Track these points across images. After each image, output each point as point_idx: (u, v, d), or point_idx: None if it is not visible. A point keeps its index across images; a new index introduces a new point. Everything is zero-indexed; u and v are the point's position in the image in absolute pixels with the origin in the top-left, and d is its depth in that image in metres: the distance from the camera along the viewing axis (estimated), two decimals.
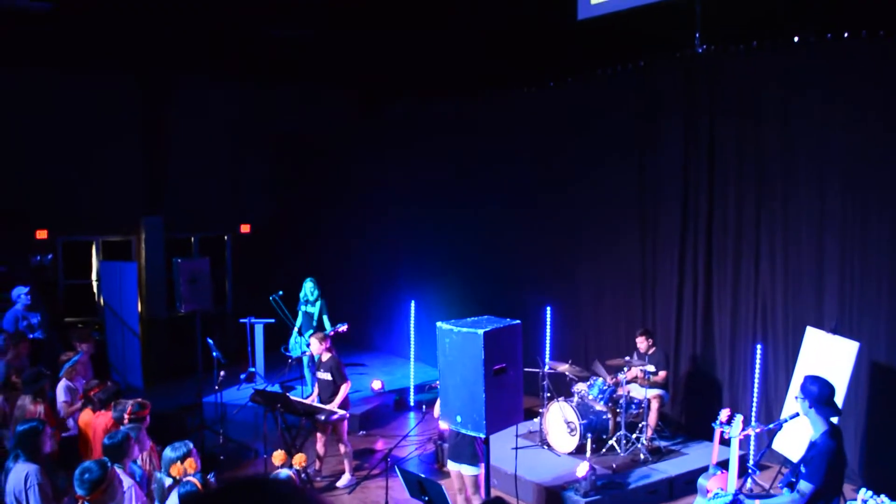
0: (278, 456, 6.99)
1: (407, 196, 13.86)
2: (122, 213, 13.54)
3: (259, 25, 11.90)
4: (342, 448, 8.97)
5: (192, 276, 10.18)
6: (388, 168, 14.21)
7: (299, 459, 7.19)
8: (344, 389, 8.89)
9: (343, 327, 10.74)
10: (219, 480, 5.95)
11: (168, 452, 5.82)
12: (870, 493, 5.54)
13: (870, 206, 8.37)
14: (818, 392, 5.34)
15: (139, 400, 6.84)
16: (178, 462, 5.69)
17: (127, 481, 5.49)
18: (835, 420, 5.46)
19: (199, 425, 10.08)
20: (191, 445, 5.90)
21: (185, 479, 5.46)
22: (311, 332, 10.82)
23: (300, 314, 11.71)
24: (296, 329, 11.71)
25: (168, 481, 5.71)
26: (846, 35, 8.42)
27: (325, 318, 11.54)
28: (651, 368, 9.21)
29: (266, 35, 12.26)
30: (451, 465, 7.32)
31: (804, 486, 5.24)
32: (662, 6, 9.38)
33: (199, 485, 5.37)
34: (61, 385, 8.22)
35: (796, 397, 5.53)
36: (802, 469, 5.34)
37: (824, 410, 5.32)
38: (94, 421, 7.06)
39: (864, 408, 8.40)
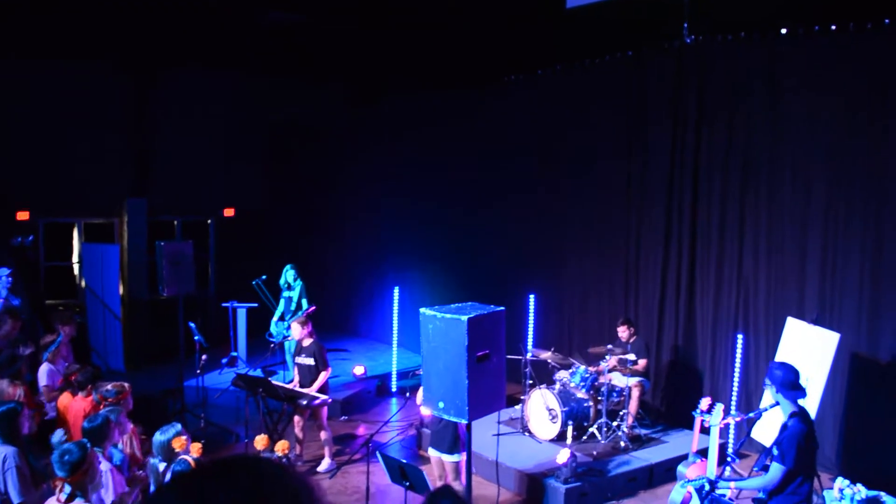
0: (260, 440, 6.99)
1: (393, 184, 13.83)
2: (105, 196, 13.42)
3: (250, 11, 11.81)
4: (322, 433, 8.97)
5: (174, 258, 10.12)
6: (375, 157, 14.17)
7: (282, 446, 7.19)
8: (323, 375, 8.90)
9: (310, 308, 10.81)
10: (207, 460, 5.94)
11: (158, 436, 5.83)
12: (846, 482, 5.61)
13: (853, 199, 8.43)
14: (783, 376, 5.52)
15: (119, 383, 6.81)
16: (174, 439, 5.72)
17: (104, 465, 5.47)
18: (802, 402, 5.55)
19: (180, 409, 10.05)
20: (179, 427, 5.90)
21: (179, 458, 5.46)
22: (291, 316, 10.83)
23: (282, 300, 11.70)
24: (277, 314, 11.71)
25: (162, 465, 5.71)
26: (833, 28, 8.45)
27: (303, 301, 11.54)
28: (632, 357, 9.25)
29: (257, 21, 12.16)
30: (432, 452, 7.34)
31: (776, 467, 5.31)
32: None
33: (193, 463, 5.36)
34: (43, 368, 8.14)
35: (764, 384, 5.65)
36: (774, 451, 5.41)
37: (791, 394, 5.48)
38: (73, 404, 7.02)
39: (842, 398, 8.48)
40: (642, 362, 9.49)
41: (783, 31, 8.94)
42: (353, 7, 11.73)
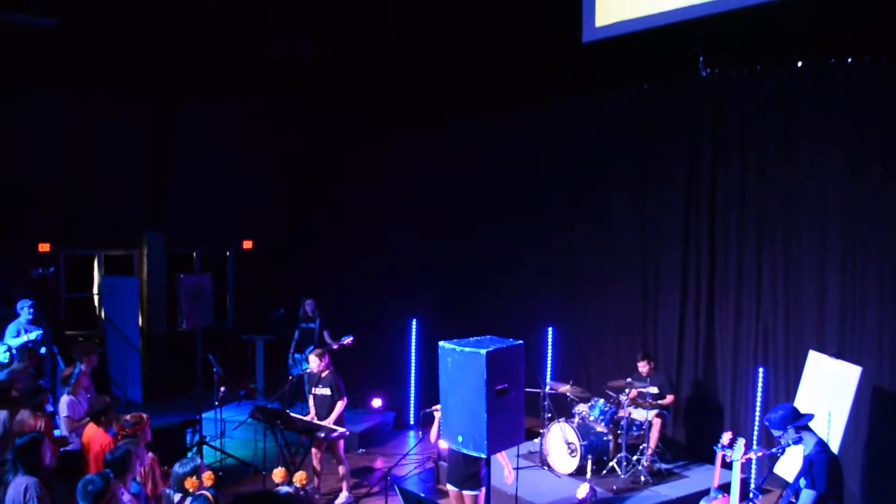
0: (278, 473, 6.98)
1: (410, 217, 13.87)
2: (125, 228, 13.55)
3: (263, 43, 11.98)
4: (340, 467, 8.94)
5: (193, 291, 10.17)
6: (390, 189, 14.22)
7: (300, 477, 7.17)
8: (339, 406, 8.88)
9: (348, 339, 10.84)
10: (224, 495, 5.94)
11: (177, 468, 5.84)
12: None
13: (871, 231, 8.38)
14: (785, 414, 5.66)
15: (137, 414, 6.83)
16: (191, 476, 5.71)
17: (125, 497, 5.48)
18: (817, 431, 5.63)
19: (198, 441, 10.04)
20: (199, 460, 5.91)
21: (197, 493, 5.46)
22: (311, 348, 10.84)
23: (297, 332, 11.78)
24: (292, 348, 11.79)
25: (177, 497, 5.71)
26: (849, 61, 8.46)
27: (325, 333, 11.59)
28: (654, 390, 9.19)
29: (269, 53, 12.33)
30: (450, 487, 7.30)
31: (807, 493, 5.26)
32: (666, 30, 9.46)
33: (211, 498, 5.37)
34: (64, 399, 8.19)
35: (779, 438, 5.67)
36: (802, 482, 5.36)
37: (803, 423, 5.51)
38: (94, 436, 7.05)
39: (865, 432, 8.36)
40: (669, 397, 9.44)
41: (798, 63, 8.95)
42: (364, 38, 11.87)
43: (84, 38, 11.38)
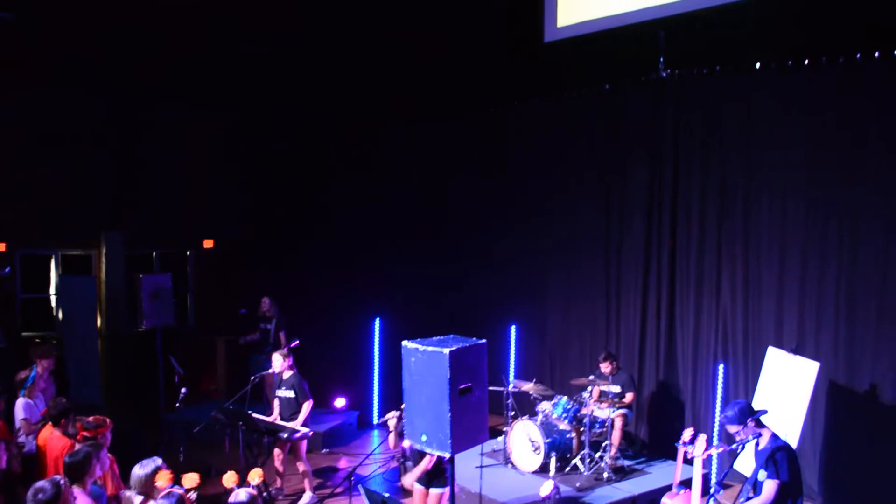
0: (229, 478, 6.76)
1: (375, 216, 13.84)
2: (83, 228, 13.32)
3: (232, 43, 11.84)
4: (301, 466, 8.88)
5: (154, 291, 10.07)
6: (355, 188, 14.17)
7: (255, 474, 7.01)
8: (306, 408, 8.83)
9: (294, 343, 10.77)
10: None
11: (137, 470, 5.74)
12: None
13: (829, 230, 8.54)
14: (738, 410, 5.85)
15: (99, 417, 6.71)
16: (152, 476, 5.63)
17: (84, 500, 5.38)
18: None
19: (158, 442, 9.91)
20: (159, 462, 5.81)
21: (168, 492, 5.36)
22: (268, 349, 10.83)
23: (259, 332, 11.69)
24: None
25: (138, 499, 5.61)
26: (806, 62, 8.61)
27: (281, 334, 11.51)
28: (616, 389, 9.26)
29: (238, 52, 12.19)
30: (417, 485, 7.28)
31: (770, 483, 5.35)
32: (628, 31, 9.53)
33: (183, 495, 5.28)
34: (20, 402, 8.03)
35: (735, 433, 5.78)
36: (762, 474, 5.45)
37: (756, 418, 5.61)
38: (51, 439, 6.92)
39: (822, 426, 8.52)
40: (629, 396, 9.52)
41: (757, 65, 9.09)
42: (338, 37, 11.79)
43: (42, 33, 11.14)
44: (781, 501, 5.37)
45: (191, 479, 5.80)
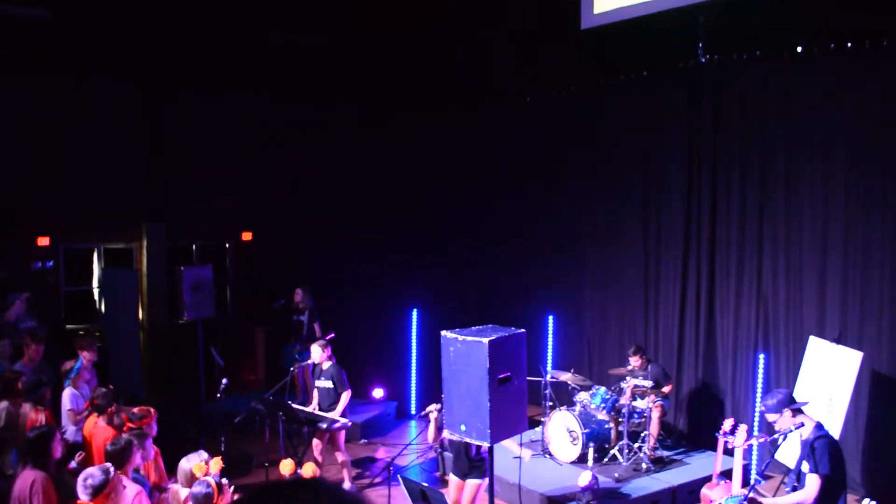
0: (286, 465, 6.94)
1: (412, 206, 13.87)
2: (125, 221, 13.52)
3: (266, 34, 11.94)
4: (339, 457, 8.95)
5: (195, 283, 10.17)
6: (392, 179, 14.21)
7: (310, 468, 7.15)
8: (345, 398, 8.88)
9: (329, 336, 10.85)
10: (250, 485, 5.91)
11: (183, 463, 5.84)
12: (874, 503, 5.55)
13: (872, 217, 8.40)
14: (777, 400, 5.73)
15: (145, 407, 6.82)
16: (195, 466, 5.72)
17: (133, 488, 5.48)
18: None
19: (200, 433, 10.05)
20: (205, 455, 5.90)
21: (199, 480, 5.45)
22: (304, 340, 10.92)
23: (293, 324, 11.74)
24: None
25: (184, 492, 5.71)
26: (849, 45, 8.44)
27: (315, 325, 11.55)
28: (648, 384, 9.12)
29: (272, 44, 12.30)
30: (453, 477, 7.31)
31: (812, 478, 5.28)
32: (666, 16, 9.43)
33: (214, 486, 5.36)
34: (67, 392, 8.14)
35: (773, 422, 5.71)
36: (805, 467, 5.38)
37: (794, 407, 5.55)
38: (97, 428, 7.05)
39: (865, 417, 8.40)
40: (667, 388, 9.43)
41: (798, 49, 8.94)
42: (369, 31, 11.86)
43: (80, 28, 11.33)
44: (825, 495, 5.30)
45: (216, 464, 5.87)
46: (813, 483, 5.31)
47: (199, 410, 10.37)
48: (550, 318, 11.41)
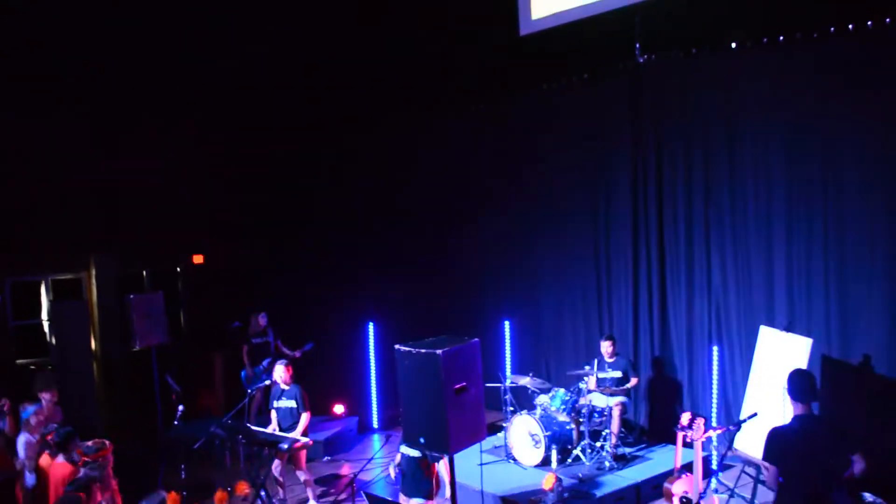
0: (242, 487, 6.87)
1: (364, 218, 13.84)
2: (72, 252, 13.26)
3: (215, 61, 11.90)
4: (302, 476, 8.87)
5: (146, 311, 10.04)
6: (344, 190, 14.17)
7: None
8: (305, 419, 8.82)
9: (309, 347, 10.82)
10: None
11: None
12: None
13: (813, 205, 8.58)
14: (792, 383, 5.55)
15: (99, 440, 6.66)
16: None
17: None
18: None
19: (160, 462, 9.88)
20: (164, 495, 5.80)
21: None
22: (267, 361, 10.81)
23: (246, 347, 11.61)
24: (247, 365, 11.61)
25: None
26: (781, 38, 8.63)
27: (278, 344, 11.54)
28: (617, 374, 9.26)
29: (211, 69, 12.24)
30: (402, 497, 7.28)
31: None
32: (603, 18, 9.55)
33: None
34: (21, 439, 7.82)
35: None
36: None
37: (794, 397, 5.47)
38: (53, 465, 6.86)
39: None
40: (634, 380, 9.51)
41: (733, 45, 9.12)
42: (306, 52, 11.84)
43: (28, 59, 11.15)
44: (784, 483, 5.33)
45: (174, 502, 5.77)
46: (769, 473, 5.36)
47: (157, 439, 10.19)
48: (507, 323, 11.46)
